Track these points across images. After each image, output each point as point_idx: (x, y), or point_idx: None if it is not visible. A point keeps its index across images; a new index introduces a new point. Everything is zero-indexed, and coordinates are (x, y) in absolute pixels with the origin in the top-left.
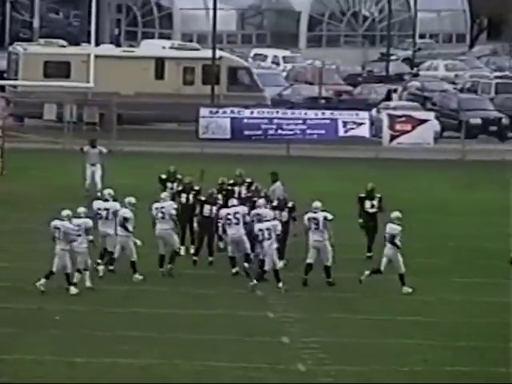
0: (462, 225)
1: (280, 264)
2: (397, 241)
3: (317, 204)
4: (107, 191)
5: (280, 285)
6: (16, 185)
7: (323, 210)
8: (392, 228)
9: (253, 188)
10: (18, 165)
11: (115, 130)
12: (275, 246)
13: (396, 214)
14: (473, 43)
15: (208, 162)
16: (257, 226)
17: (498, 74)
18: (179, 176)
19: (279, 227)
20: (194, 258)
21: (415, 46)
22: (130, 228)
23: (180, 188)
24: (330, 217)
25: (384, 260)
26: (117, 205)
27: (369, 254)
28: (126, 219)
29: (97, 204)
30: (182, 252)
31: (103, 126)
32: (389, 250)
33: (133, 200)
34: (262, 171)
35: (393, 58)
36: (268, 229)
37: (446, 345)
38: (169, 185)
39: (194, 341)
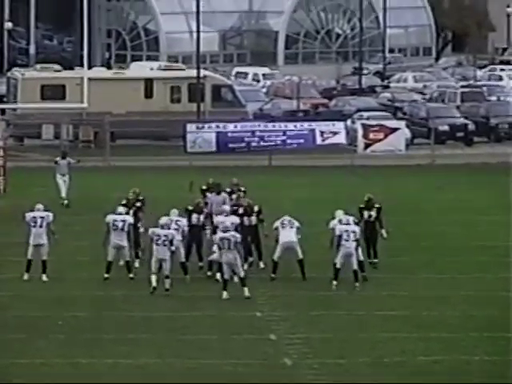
0: (433, 224)
1: (261, 265)
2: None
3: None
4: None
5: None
6: (18, 201)
7: None
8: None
9: (237, 196)
10: (20, 182)
11: (109, 147)
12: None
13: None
14: (439, 55)
15: (196, 174)
16: (219, 235)
17: (463, 83)
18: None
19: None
20: (186, 263)
21: (385, 60)
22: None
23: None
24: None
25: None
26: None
27: (369, 260)
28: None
29: (111, 216)
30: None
31: (98, 143)
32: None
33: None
34: (246, 181)
35: (365, 71)
36: (228, 239)
37: (420, 336)
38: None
39: (186, 341)
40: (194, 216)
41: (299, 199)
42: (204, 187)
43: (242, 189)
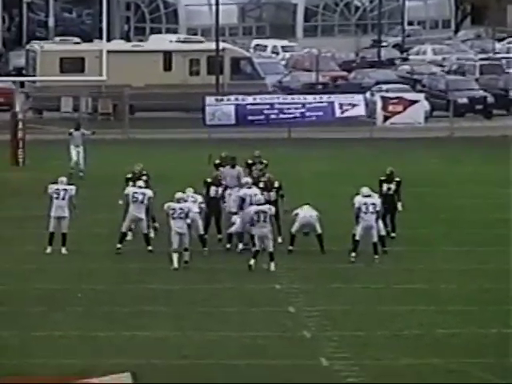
0: (452, 196)
1: (279, 239)
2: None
3: None
4: (140, 182)
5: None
6: (38, 174)
7: None
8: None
9: (258, 168)
10: (39, 155)
11: (128, 120)
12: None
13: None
14: (458, 28)
15: (215, 147)
16: (254, 208)
17: (482, 56)
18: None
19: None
20: (205, 236)
21: (404, 32)
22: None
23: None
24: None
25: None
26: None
27: (392, 235)
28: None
29: (131, 189)
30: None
31: (116, 116)
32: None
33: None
34: (265, 153)
35: (384, 44)
36: (265, 212)
37: (438, 309)
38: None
39: (205, 313)
40: (213, 188)
41: (318, 172)
42: (217, 161)
43: (264, 161)
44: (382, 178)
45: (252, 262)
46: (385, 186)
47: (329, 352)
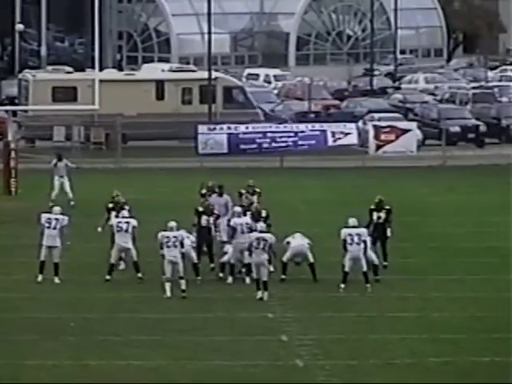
0: (444, 225)
1: (271, 268)
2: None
3: None
4: (124, 212)
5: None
6: (30, 203)
7: None
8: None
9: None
10: (31, 184)
11: (120, 149)
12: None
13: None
14: (450, 57)
15: (207, 176)
16: (255, 235)
17: (474, 84)
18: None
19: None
20: (198, 264)
21: (396, 61)
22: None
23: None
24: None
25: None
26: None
27: (384, 263)
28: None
29: (115, 220)
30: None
31: (109, 145)
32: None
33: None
34: (258, 182)
35: (376, 73)
36: (265, 240)
37: (430, 338)
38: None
39: (198, 342)
40: (204, 218)
41: (311, 200)
42: (203, 191)
43: (257, 190)
44: (372, 207)
45: (259, 294)
46: (375, 215)
47: (321, 380)
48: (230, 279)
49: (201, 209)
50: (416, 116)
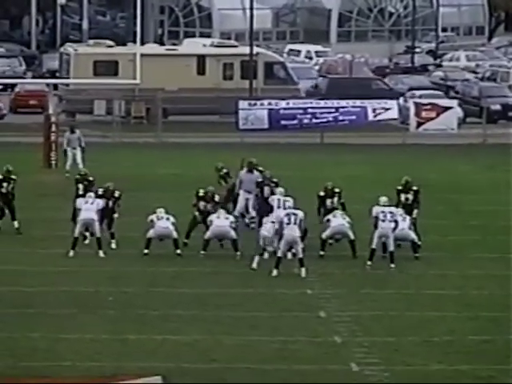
0: (485, 203)
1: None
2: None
3: None
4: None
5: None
6: (70, 176)
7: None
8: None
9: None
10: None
11: (161, 123)
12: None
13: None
14: (491, 35)
15: (248, 151)
16: (282, 212)
17: None
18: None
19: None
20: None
21: (438, 38)
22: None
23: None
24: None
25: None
26: None
27: (418, 242)
28: None
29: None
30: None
31: (149, 119)
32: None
33: None
34: (298, 158)
35: (417, 50)
36: (295, 214)
37: (469, 315)
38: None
39: (236, 318)
40: (201, 203)
41: (351, 177)
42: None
43: (275, 180)
44: (399, 188)
45: (275, 272)
46: (403, 196)
47: (359, 357)
48: (266, 255)
49: (201, 193)
50: (457, 94)
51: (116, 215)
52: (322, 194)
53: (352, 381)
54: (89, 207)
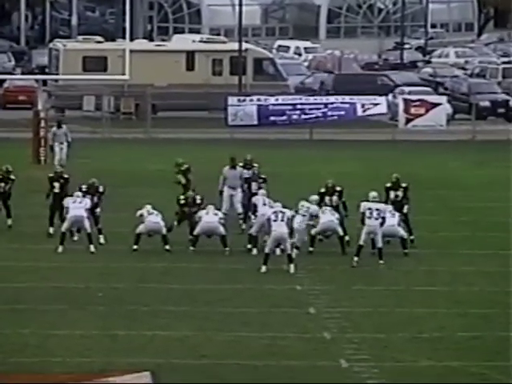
0: (474, 199)
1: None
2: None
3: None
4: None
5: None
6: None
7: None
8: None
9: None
10: (67, 154)
11: (150, 119)
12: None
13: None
14: (481, 31)
15: (237, 147)
16: (269, 209)
17: (504, 59)
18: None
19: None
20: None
21: (427, 35)
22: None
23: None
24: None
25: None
26: None
27: (411, 237)
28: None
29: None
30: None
31: (139, 115)
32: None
33: None
34: (287, 154)
35: (407, 46)
36: (283, 212)
37: (459, 312)
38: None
39: (225, 314)
40: (186, 209)
41: (340, 173)
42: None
43: (255, 165)
44: (388, 185)
45: (264, 268)
46: (392, 194)
47: (348, 354)
48: (254, 251)
49: (182, 201)
50: (446, 90)
51: (99, 210)
52: (322, 190)
53: (341, 377)
54: (77, 206)
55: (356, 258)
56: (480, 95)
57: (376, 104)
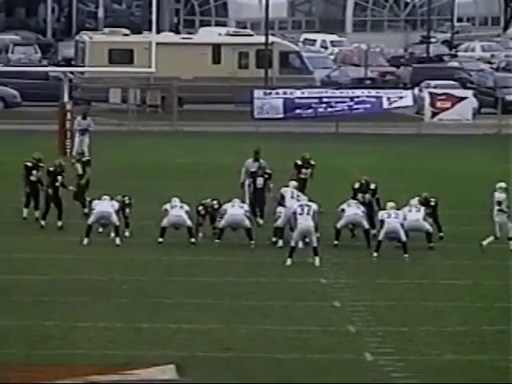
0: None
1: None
2: (503, 207)
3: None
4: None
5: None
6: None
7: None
8: (498, 196)
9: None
10: (89, 146)
11: (176, 112)
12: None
13: (501, 184)
14: (507, 25)
15: (263, 140)
16: (296, 203)
17: None
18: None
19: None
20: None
21: (453, 29)
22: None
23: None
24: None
25: (497, 226)
26: None
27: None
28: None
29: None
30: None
31: (165, 108)
32: (497, 217)
33: None
34: (313, 147)
35: (433, 40)
36: (308, 205)
37: (484, 306)
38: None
39: (250, 307)
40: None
41: (366, 167)
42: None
43: (312, 162)
44: (356, 187)
45: (289, 261)
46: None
47: (373, 347)
48: (280, 243)
49: (202, 211)
50: (472, 84)
51: (128, 211)
52: (356, 186)
53: (366, 370)
54: (104, 203)
55: (375, 254)
56: (506, 89)
57: (401, 97)
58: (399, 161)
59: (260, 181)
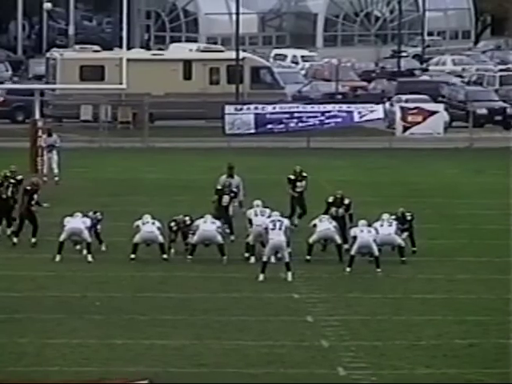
0: (471, 207)
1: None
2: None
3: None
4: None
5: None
6: (47, 180)
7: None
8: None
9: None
10: (58, 162)
11: (147, 128)
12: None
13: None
14: (478, 39)
15: (234, 156)
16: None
17: (501, 67)
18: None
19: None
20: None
21: (424, 43)
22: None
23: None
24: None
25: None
26: None
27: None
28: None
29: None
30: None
31: (136, 124)
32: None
33: None
34: (284, 162)
35: (404, 54)
36: (280, 221)
37: (457, 319)
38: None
39: (223, 322)
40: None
41: (337, 181)
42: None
43: (305, 174)
44: (330, 201)
45: (261, 276)
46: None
47: (346, 362)
48: (252, 259)
49: (174, 227)
50: (443, 98)
51: (99, 227)
52: (330, 200)
53: None
54: (75, 220)
55: (348, 269)
56: (477, 103)
57: (372, 111)
58: (371, 175)
59: (226, 198)
